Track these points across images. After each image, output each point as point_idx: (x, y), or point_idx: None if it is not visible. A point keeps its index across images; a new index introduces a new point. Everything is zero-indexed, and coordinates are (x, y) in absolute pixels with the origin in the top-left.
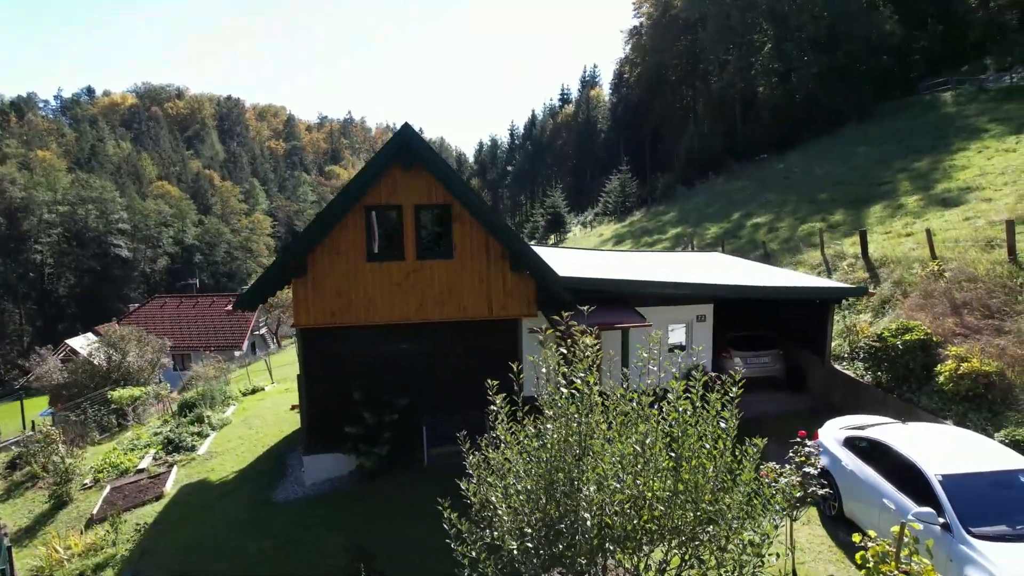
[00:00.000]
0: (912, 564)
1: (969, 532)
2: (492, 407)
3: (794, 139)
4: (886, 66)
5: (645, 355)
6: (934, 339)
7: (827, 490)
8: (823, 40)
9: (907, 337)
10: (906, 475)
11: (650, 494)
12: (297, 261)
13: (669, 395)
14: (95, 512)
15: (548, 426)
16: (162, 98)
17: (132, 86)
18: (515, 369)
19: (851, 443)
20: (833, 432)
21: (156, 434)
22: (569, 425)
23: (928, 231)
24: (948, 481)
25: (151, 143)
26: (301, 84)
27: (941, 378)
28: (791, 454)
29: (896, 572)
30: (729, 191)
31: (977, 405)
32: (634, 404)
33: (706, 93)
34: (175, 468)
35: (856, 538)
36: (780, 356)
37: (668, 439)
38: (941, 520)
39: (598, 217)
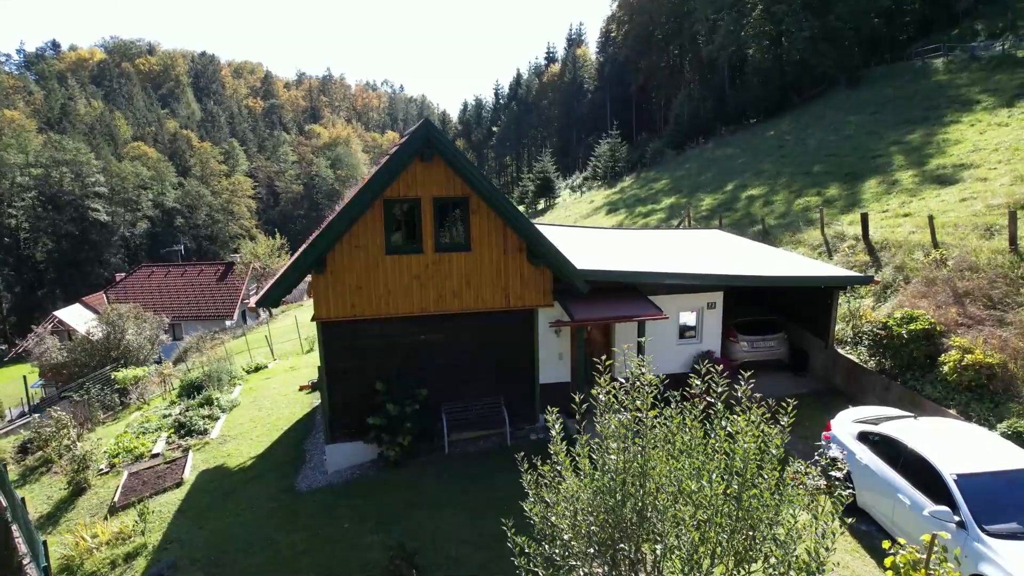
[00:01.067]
0: (939, 570)
1: (983, 530)
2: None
3: (784, 104)
4: (876, 28)
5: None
6: (938, 328)
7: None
8: (815, 2)
9: (912, 326)
10: (921, 472)
11: (716, 519)
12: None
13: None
14: (116, 499)
15: (612, 457)
16: (132, 54)
17: (100, 40)
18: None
19: (865, 437)
20: (846, 424)
21: (165, 416)
22: (631, 455)
23: (931, 217)
24: (963, 480)
25: (124, 102)
26: (278, 39)
27: (946, 368)
28: (816, 456)
29: None
30: (720, 158)
31: (979, 396)
32: (687, 431)
33: (694, 54)
34: (191, 453)
35: (886, 544)
36: (785, 340)
37: (726, 467)
38: (956, 518)
39: (587, 182)
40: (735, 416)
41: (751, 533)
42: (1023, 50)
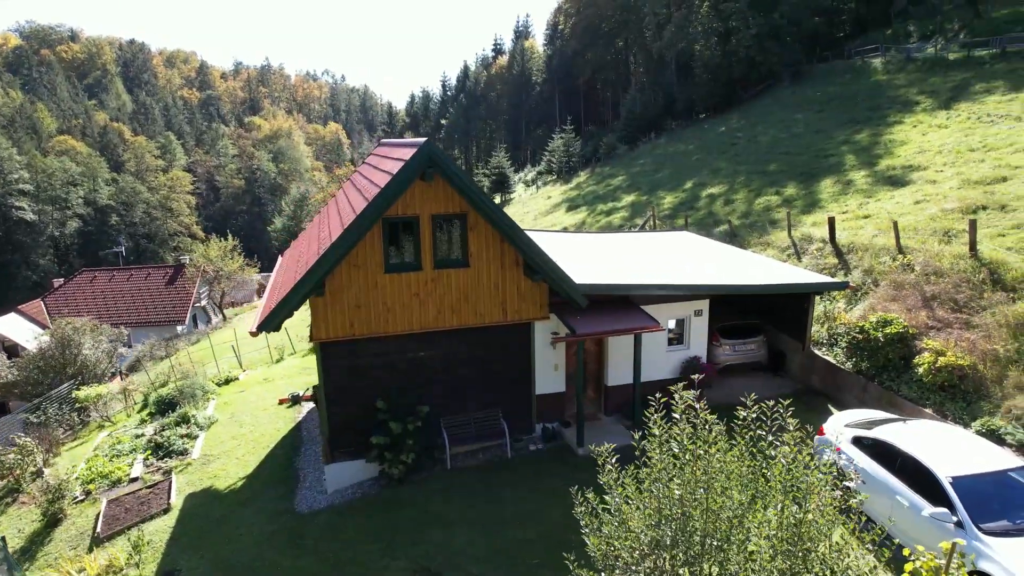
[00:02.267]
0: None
1: (980, 528)
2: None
3: (731, 100)
4: (816, 27)
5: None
6: (910, 331)
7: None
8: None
9: (888, 330)
10: (916, 475)
11: (777, 545)
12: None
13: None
14: (100, 529)
15: (676, 492)
16: (52, 40)
17: (15, 25)
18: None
19: (859, 441)
20: (838, 429)
21: (138, 436)
22: (691, 485)
23: (895, 223)
24: (957, 482)
25: (46, 92)
26: (212, 28)
27: (920, 370)
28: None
29: None
30: (674, 154)
31: (953, 396)
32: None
33: (643, 48)
34: (173, 475)
35: (907, 552)
36: (764, 343)
37: (783, 498)
38: (954, 519)
39: (541, 176)
40: (781, 444)
41: (807, 555)
42: (953, 53)
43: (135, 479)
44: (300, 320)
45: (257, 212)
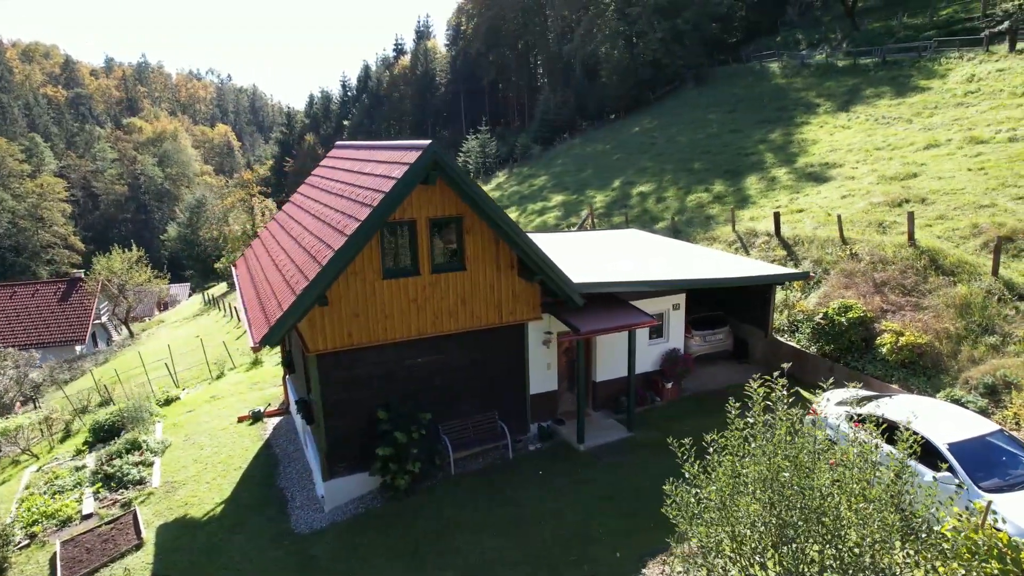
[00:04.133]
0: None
1: (979, 487)
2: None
3: (640, 101)
4: (714, 32)
5: None
6: (868, 315)
7: None
8: (665, 5)
9: (849, 315)
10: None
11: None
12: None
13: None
14: (60, 575)
15: (785, 473)
16: None
17: None
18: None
19: (853, 418)
20: (831, 407)
21: (79, 469)
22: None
23: (839, 216)
24: (954, 448)
25: None
26: (76, 20)
27: (884, 349)
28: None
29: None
30: (592, 155)
31: (914, 371)
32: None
33: (545, 50)
34: (136, 508)
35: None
36: (730, 332)
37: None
38: (956, 481)
39: None
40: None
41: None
42: (841, 60)
43: (89, 515)
44: (225, 331)
45: (143, 220)
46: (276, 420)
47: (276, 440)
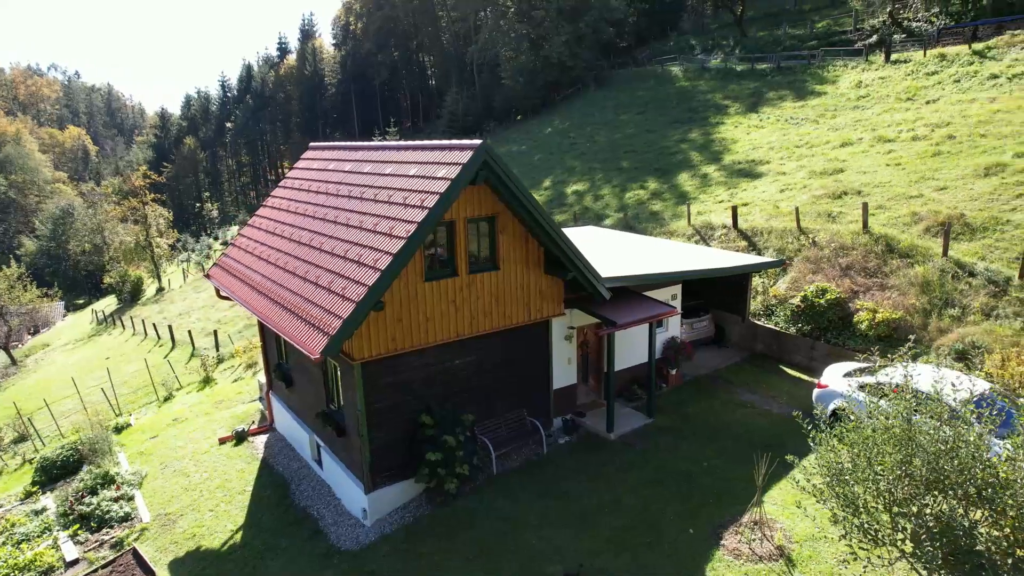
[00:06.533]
0: None
1: (995, 438)
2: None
3: (547, 102)
4: (610, 37)
5: None
6: (842, 297)
7: None
8: (568, 9)
9: (827, 297)
10: None
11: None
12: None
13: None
14: None
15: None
16: None
17: None
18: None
19: (864, 387)
20: (839, 379)
21: (39, 512)
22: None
23: (797, 209)
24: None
25: None
26: None
27: (863, 325)
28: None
29: None
30: (509, 155)
31: (891, 343)
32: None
33: (441, 50)
34: (135, 546)
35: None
36: (712, 319)
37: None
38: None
39: None
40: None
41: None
42: (739, 65)
43: (74, 562)
44: (146, 350)
45: None
46: (263, 438)
47: (274, 459)
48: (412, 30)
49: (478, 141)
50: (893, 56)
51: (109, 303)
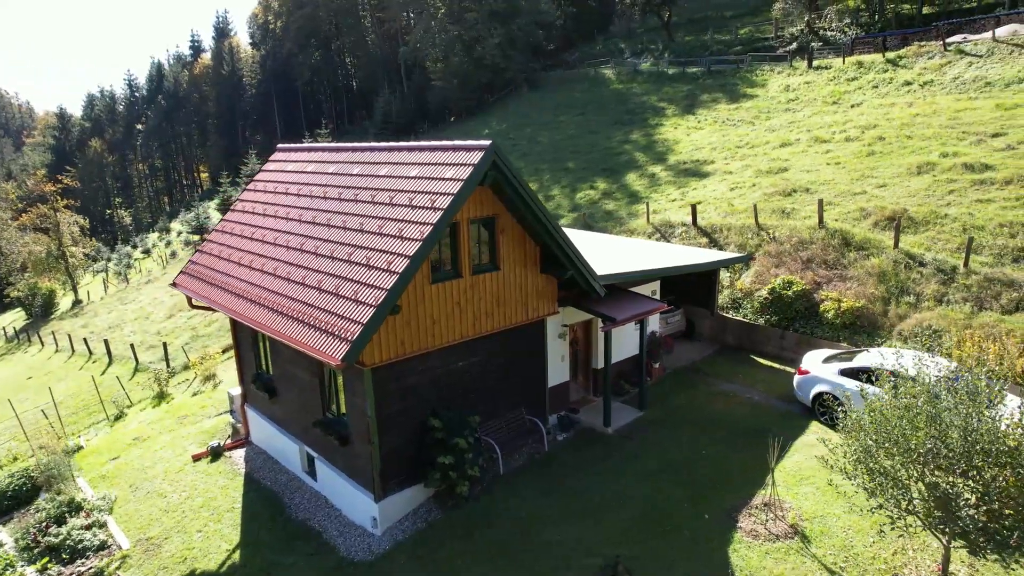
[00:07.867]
0: None
1: None
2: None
3: (481, 103)
4: (540, 40)
5: None
6: (807, 288)
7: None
8: (501, 11)
9: (793, 289)
10: None
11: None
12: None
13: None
14: None
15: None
16: None
17: None
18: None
19: (848, 372)
20: (820, 366)
21: None
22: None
23: (755, 206)
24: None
25: None
26: None
27: (830, 315)
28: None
29: None
30: None
31: (856, 331)
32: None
33: (365, 51)
34: (119, 575)
35: None
36: (684, 314)
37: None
38: None
39: None
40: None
41: None
42: (669, 68)
43: None
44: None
45: None
46: (240, 452)
47: (259, 473)
48: (334, 31)
49: (487, 141)
50: (815, 62)
51: (15, 318)
